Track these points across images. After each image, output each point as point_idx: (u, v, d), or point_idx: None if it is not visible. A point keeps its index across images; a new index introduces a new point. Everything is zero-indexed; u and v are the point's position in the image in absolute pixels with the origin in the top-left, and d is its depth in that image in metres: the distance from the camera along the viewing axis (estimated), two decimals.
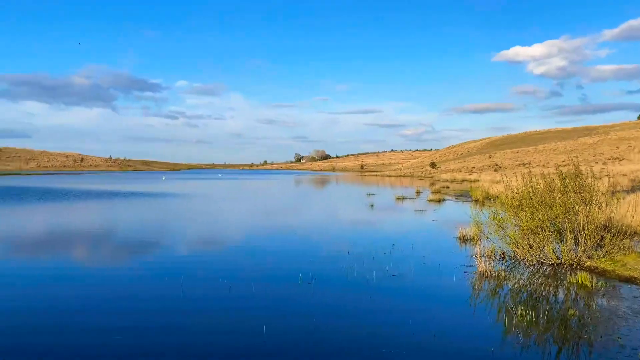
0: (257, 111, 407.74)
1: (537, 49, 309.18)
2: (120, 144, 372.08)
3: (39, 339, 6.65)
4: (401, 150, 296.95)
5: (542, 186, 11.97)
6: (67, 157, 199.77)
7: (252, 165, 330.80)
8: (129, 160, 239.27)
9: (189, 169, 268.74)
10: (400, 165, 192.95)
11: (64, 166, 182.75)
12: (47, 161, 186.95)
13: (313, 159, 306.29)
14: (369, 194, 39.24)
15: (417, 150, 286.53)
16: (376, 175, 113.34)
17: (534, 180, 12.39)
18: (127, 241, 15.16)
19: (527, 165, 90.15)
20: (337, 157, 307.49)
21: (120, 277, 10.24)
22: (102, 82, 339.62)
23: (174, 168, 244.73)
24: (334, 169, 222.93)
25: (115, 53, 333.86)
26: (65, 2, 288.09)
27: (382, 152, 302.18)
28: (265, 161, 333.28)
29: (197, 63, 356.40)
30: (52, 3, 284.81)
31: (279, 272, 10.65)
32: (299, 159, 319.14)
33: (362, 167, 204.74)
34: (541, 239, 11.21)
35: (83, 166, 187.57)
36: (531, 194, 11.89)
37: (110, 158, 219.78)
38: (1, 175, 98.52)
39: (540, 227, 11.24)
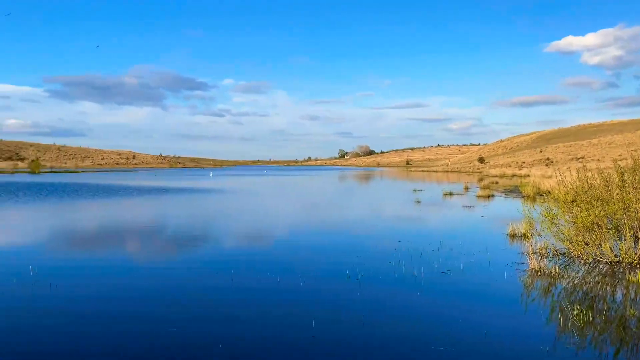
0: (301, 108, 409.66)
1: (591, 39, 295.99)
2: (169, 141, 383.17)
3: (96, 328, 6.99)
4: (448, 145, 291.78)
5: (598, 181, 11.53)
6: (119, 154, 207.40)
7: (296, 161, 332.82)
8: (178, 157, 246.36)
9: (235, 165, 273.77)
10: (447, 161, 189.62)
11: (117, 163, 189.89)
12: (101, 159, 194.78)
13: (357, 155, 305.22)
14: (415, 190, 38.85)
15: (464, 145, 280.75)
16: (422, 171, 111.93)
17: (590, 175, 11.96)
18: (178, 236, 15.61)
19: (580, 160, 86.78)
20: (381, 152, 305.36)
21: (172, 269, 10.57)
22: (151, 81, 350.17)
23: (220, 165, 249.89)
24: (378, 165, 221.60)
25: (162, 53, 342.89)
26: (110, 4, 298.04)
27: (428, 147, 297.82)
28: (309, 157, 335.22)
29: (242, 61, 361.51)
30: (97, 5, 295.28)
31: (325, 267, 10.73)
32: (342, 155, 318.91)
33: (407, 163, 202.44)
34: (598, 237, 10.82)
35: (135, 163, 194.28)
36: (586, 190, 11.48)
37: (161, 155, 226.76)
38: (60, 173, 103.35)
39: (597, 223, 10.85)
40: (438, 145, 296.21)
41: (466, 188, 40.61)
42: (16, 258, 11.84)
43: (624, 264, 10.48)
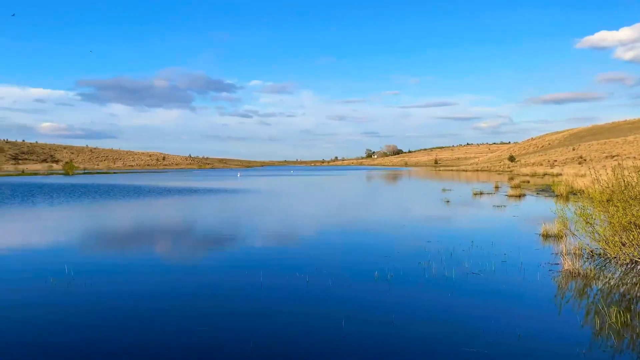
0: (328, 107, 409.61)
1: (625, 33, 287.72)
2: (198, 142, 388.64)
3: (130, 323, 7.14)
4: (477, 144, 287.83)
5: (635, 179, 11.21)
6: (150, 156, 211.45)
7: (323, 161, 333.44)
8: (207, 158, 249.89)
9: (262, 166, 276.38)
10: (476, 160, 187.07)
11: (147, 165, 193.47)
12: (132, 160, 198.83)
13: (384, 155, 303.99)
14: (444, 190, 38.48)
15: (494, 143, 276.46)
16: (451, 170, 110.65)
17: (626, 173, 11.64)
18: (208, 235, 15.82)
19: (615, 158, 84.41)
20: (409, 152, 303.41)
21: (203, 268, 10.72)
22: (180, 84, 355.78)
23: (248, 165, 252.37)
24: (406, 164, 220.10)
25: (190, 55, 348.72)
26: (140, 7, 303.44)
27: (456, 146, 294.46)
28: (336, 157, 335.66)
29: (269, 62, 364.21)
30: (127, 9, 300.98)
31: (354, 267, 10.72)
32: (370, 155, 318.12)
33: (435, 162, 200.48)
34: (636, 237, 10.52)
35: (165, 164, 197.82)
36: (623, 188, 11.18)
37: (190, 156, 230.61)
38: (92, 174, 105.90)
39: (635, 223, 10.55)
40: (467, 144, 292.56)
41: (496, 187, 40.03)
42: (52, 257, 12.17)
43: None
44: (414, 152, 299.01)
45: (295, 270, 10.39)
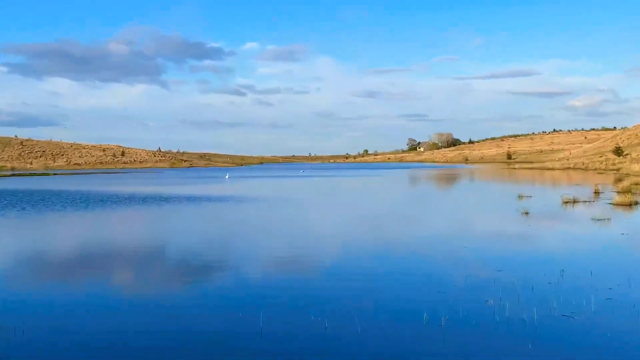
0: (354, 81, 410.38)
1: None
2: (171, 131, 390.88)
3: None
4: (568, 131, 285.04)
5: None
6: (104, 150, 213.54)
7: (347, 156, 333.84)
8: (184, 153, 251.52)
9: (261, 162, 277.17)
10: (567, 153, 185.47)
11: (101, 163, 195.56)
12: (79, 157, 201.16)
13: (435, 146, 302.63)
14: (521, 196, 38.26)
15: (592, 129, 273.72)
16: (531, 169, 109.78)
17: None
18: (186, 261, 15.99)
19: None
20: (470, 142, 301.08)
21: (179, 308, 10.80)
22: (146, 49, 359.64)
23: (241, 162, 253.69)
24: (466, 160, 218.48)
25: (160, 10, 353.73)
26: None
27: (538, 133, 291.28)
28: (366, 151, 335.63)
29: (270, 19, 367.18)
30: None
31: (393, 306, 10.74)
32: (414, 147, 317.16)
33: (509, 157, 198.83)
34: None
35: (125, 162, 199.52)
36: None
37: (160, 151, 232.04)
38: (23, 176, 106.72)
39: None
40: (554, 130, 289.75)
41: (596, 192, 39.68)
42: None
43: None
44: (478, 142, 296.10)
45: (308, 311, 10.44)
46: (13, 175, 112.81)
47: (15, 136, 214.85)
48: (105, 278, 14.03)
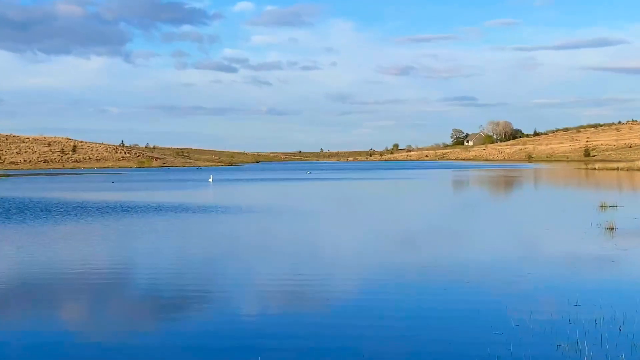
0: (381, 52, 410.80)
1: None
2: (138, 120, 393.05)
3: None
4: None
5: None
6: (49, 145, 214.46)
7: (371, 153, 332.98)
8: (154, 148, 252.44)
9: (256, 161, 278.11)
10: None
11: (45, 161, 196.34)
12: (17, 153, 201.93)
13: (488, 140, 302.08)
14: (603, 206, 38.07)
15: None
16: (616, 169, 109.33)
17: None
18: (155, 294, 15.99)
19: None
20: (535, 134, 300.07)
21: (148, 353, 10.85)
22: (106, 10, 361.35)
23: (230, 161, 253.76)
24: (529, 158, 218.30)
25: None
26: None
27: (626, 122, 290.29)
28: (396, 146, 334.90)
29: None
30: None
31: (434, 354, 10.74)
32: (460, 140, 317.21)
33: (587, 154, 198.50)
34: None
35: (77, 160, 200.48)
36: None
37: (123, 146, 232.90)
38: None
39: None
40: None
41: None
42: None
43: None
44: (545, 134, 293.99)
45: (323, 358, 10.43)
46: None
47: None
48: (46, 317, 13.93)
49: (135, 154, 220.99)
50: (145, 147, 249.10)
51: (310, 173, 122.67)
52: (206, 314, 13.86)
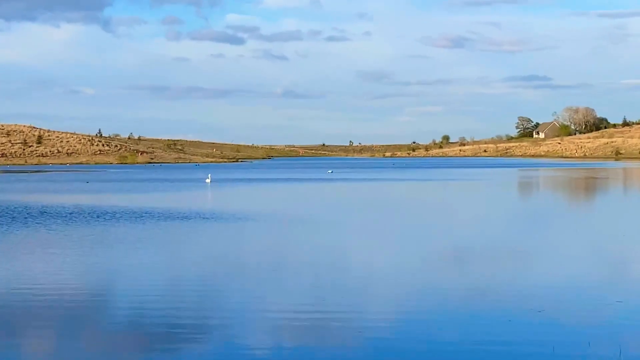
0: (427, 20, 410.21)
1: None
2: (120, 104, 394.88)
3: None
4: None
5: None
6: (7, 134, 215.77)
7: (414, 147, 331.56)
8: (140, 140, 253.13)
9: (268, 157, 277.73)
10: None
11: (2, 155, 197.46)
12: None
13: (564, 131, 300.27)
14: None
15: None
16: None
17: None
18: (142, 324, 15.90)
19: None
20: (624, 124, 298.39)
21: None
22: None
23: (236, 155, 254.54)
24: (617, 154, 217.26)
25: None
26: None
27: None
28: (446, 138, 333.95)
29: None
30: None
31: None
32: (528, 132, 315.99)
33: None
34: None
35: (42, 154, 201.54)
36: None
37: (101, 136, 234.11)
38: None
39: None
40: None
41: None
42: None
43: None
44: (638, 124, 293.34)
45: None
46: None
47: None
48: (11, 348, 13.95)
49: (116, 146, 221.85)
50: (129, 138, 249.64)
51: (331, 172, 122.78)
52: (202, 351, 13.80)
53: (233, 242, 31.10)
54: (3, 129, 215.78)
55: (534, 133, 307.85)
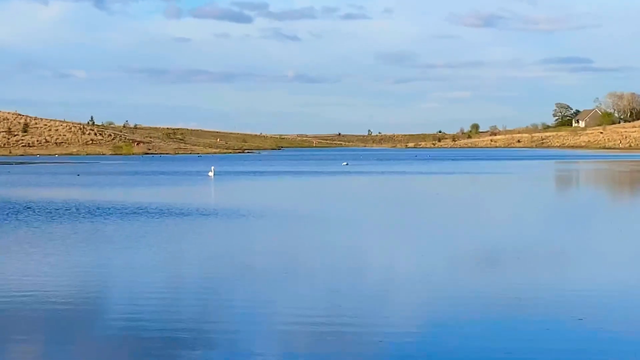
0: None
1: None
2: (113, 88, 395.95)
3: None
4: None
5: None
6: None
7: (440, 137, 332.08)
8: (136, 129, 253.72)
9: (277, 147, 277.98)
10: None
11: None
12: None
13: (607, 119, 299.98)
14: None
15: None
16: None
17: None
18: (139, 332, 15.77)
19: None
20: None
21: None
22: None
23: (241, 147, 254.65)
24: None
25: None
26: None
27: None
28: (475, 126, 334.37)
29: None
30: None
31: None
32: (566, 120, 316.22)
33: None
34: None
35: (28, 144, 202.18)
36: None
37: (93, 124, 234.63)
38: None
39: None
40: None
41: None
42: None
43: None
44: None
45: None
46: None
47: None
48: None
49: (110, 136, 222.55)
50: (124, 126, 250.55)
51: (346, 164, 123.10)
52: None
53: (238, 241, 31.02)
54: (4, 119, 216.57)
55: (573, 121, 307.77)
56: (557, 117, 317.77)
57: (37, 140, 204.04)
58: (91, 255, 27.19)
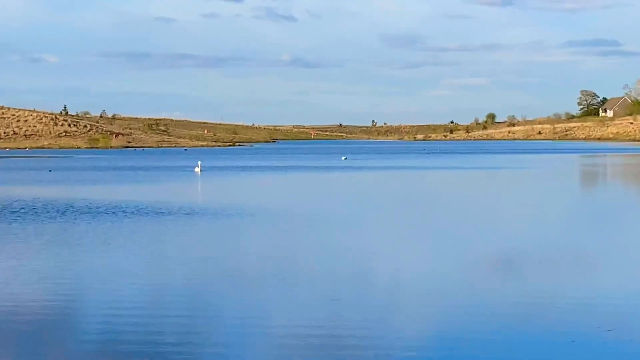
0: None
1: None
2: (89, 74, 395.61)
3: None
4: None
5: None
6: None
7: (452, 128, 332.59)
8: (115, 119, 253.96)
9: (271, 140, 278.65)
10: None
11: None
12: None
13: (637, 107, 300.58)
14: None
15: None
16: None
17: None
18: (120, 344, 15.64)
19: None
20: None
21: None
22: None
23: (231, 139, 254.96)
24: None
25: None
26: None
27: None
28: (492, 116, 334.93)
29: None
30: None
31: None
32: (593, 109, 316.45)
33: None
34: None
35: None
36: None
37: (65, 114, 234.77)
38: None
39: None
40: None
41: None
42: None
43: None
44: None
45: None
46: None
47: None
48: None
49: (85, 127, 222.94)
50: (101, 116, 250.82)
51: (345, 159, 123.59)
52: None
53: (227, 244, 31.18)
54: None
55: (600, 111, 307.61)
56: (582, 106, 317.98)
57: (5, 132, 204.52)
58: (58, 258, 27.19)
